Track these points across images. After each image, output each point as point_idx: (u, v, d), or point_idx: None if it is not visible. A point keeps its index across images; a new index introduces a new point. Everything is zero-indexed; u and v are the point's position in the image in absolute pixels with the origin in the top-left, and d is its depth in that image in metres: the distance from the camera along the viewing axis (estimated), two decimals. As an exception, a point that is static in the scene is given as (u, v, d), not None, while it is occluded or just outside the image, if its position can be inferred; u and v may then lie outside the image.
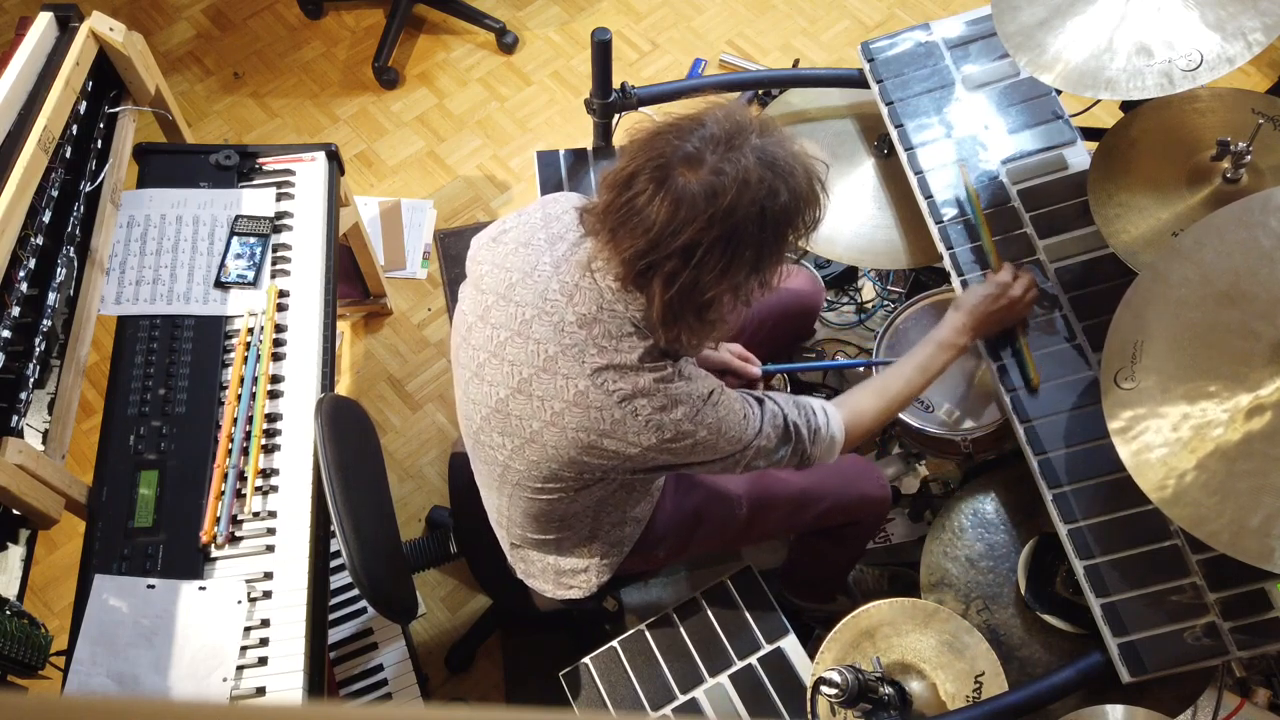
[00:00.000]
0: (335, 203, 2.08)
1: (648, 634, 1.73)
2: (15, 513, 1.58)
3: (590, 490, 1.41)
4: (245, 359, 1.83)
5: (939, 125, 1.82)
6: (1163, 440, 1.27)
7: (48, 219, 1.77)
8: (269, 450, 1.76)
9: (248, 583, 1.64)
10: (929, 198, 1.76)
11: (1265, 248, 1.26)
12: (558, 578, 1.59)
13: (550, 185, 2.12)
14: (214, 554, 1.66)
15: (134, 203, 2.00)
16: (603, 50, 1.93)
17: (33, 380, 1.66)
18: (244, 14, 3.17)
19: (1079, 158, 1.72)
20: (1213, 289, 1.29)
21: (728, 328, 1.35)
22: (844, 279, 2.39)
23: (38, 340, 1.69)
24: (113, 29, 1.93)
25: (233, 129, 2.96)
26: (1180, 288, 1.31)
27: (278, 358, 1.85)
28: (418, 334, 2.64)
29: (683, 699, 1.67)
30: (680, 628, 1.73)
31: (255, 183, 2.04)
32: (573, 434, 1.31)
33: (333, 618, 1.98)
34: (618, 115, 2.09)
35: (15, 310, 1.65)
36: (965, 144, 1.79)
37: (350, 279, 2.51)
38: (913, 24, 1.99)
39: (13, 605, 1.52)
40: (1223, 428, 1.23)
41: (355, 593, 2.02)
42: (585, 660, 1.73)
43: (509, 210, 2.78)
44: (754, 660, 1.69)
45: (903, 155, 1.82)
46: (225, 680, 1.56)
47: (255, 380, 1.81)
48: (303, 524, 1.70)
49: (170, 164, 2.06)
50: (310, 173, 2.07)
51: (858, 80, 1.95)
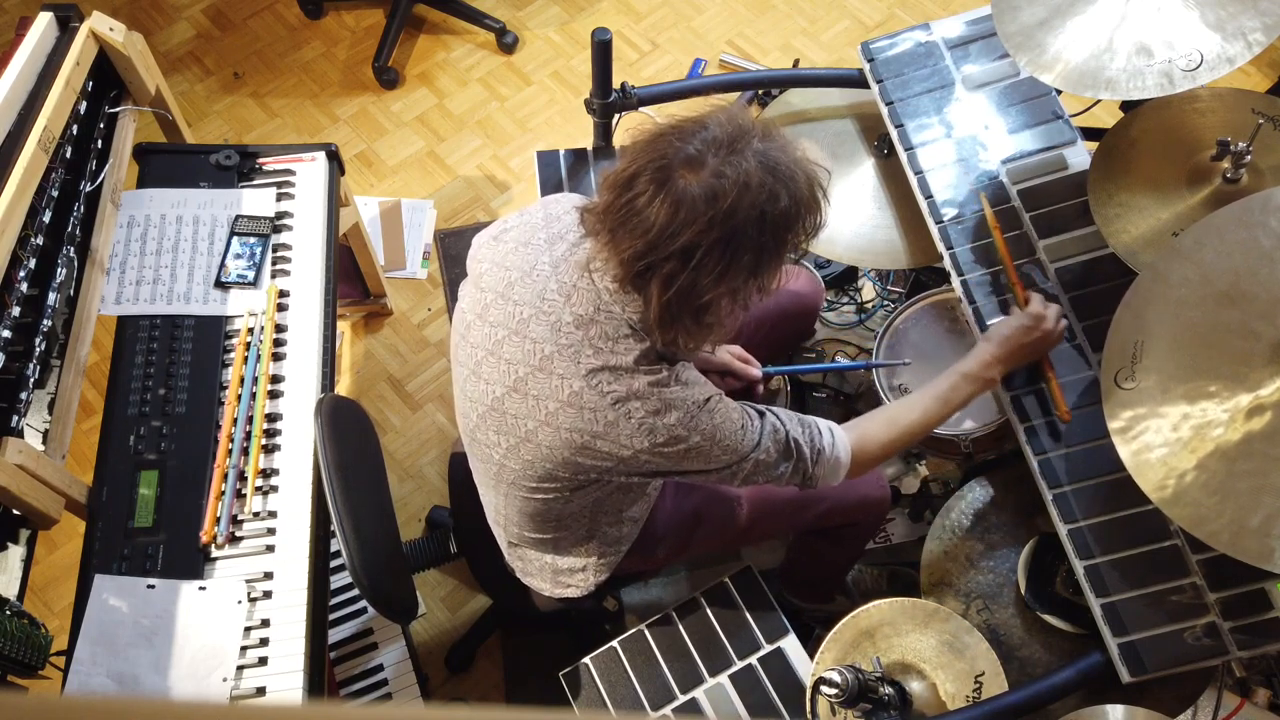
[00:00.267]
0: (335, 203, 2.08)
1: (648, 634, 1.73)
2: (15, 513, 1.58)
3: (586, 491, 1.41)
4: (245, 359, 1.83)
5: (939, 125, 1.82)
6: (1163, 440, 1.27)
7: (48, 219, 1.77)
8: (269, 450, 1.76)
9: (248, 583, 1.64)
10: (929, 198, 1.76)
11: (1265, 248, 1.26)
12: (555, 576, 1.58)
13: (550, 185, 2.12)
14: (214, 554, 1.66)
15: (134, 203, 2.00)
16: (603, 50, 1.93)
17: (33, 380, 1.66)
18: (244, 14, 3.17)
19: (1079, 158, 1.72)
20: (1213, 289, 1.29)
21: (725, 331, 1.34)
22: (844, 279, 2.39)
23: (38, 340, 1.69)
24: (113, 29, 1.93)
25: (233, 129, 2.96)
26: (1180, 288, 1.31)
27: (278, 358, 1.85)
28: (418, 334, 2.64)
29: (683, 699, 1.67)
30: (680, 628, 1.73)
31: (255, 183, 2.04)
32: (566, 434, 1.31)
33: (333, 618, 1.98)
34: (618, 115, 2.09)
35: (15, 310, 1.65)
36: (965, 144, 1.79)
37: (350, 279, 2.51)
38: (913, 24, 1.99)
39: (13, 605, 1.52)
40: (1223, 428, 1.23)
41: (355, 593, 2.02)
42: (585, 660, 1.73)
43: (509, 210, 2.79)
44: (754, 660, 1.69)
45: (903, 155, 1.82)
46: (225, 680, 1.56)
47: (255, 380, 1.81)
48: (303, 524, 1.70)
49: (170, 164, 2.06)
50: (310, 173, 2.07)
51: (858, 80, 1.95)
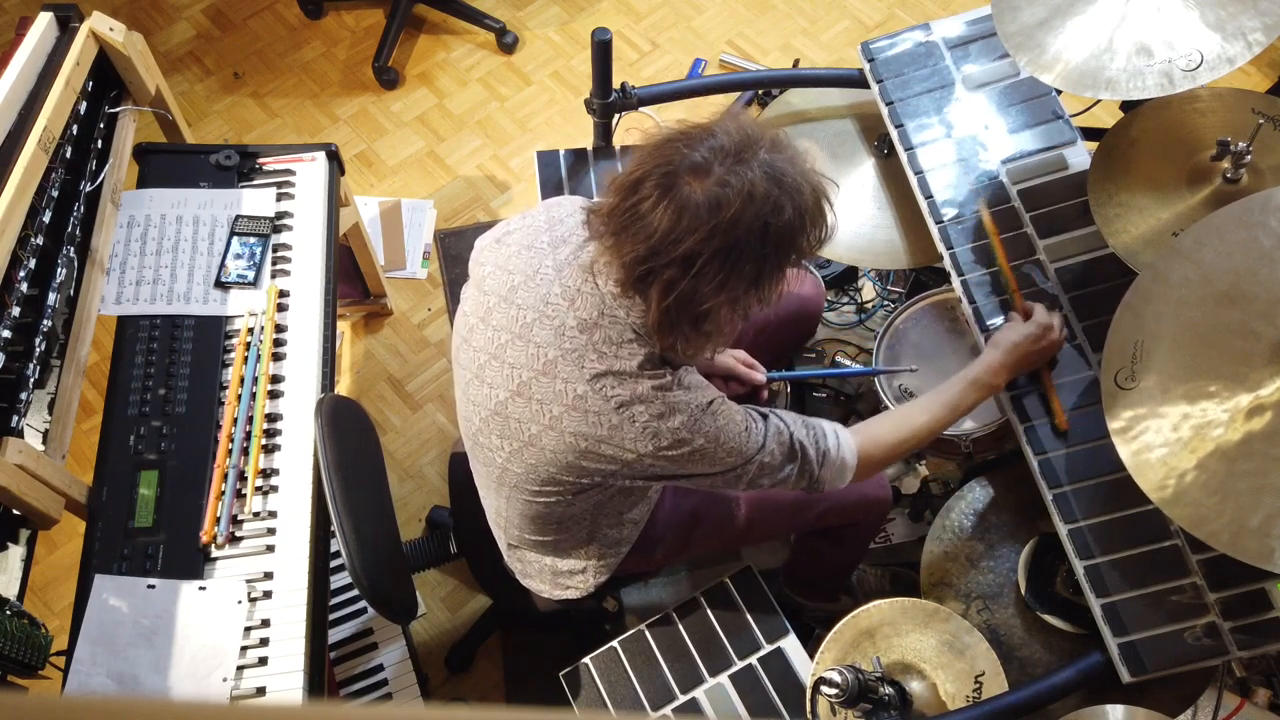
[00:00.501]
0: (335, 203, 2.08)
1: (648, 634, 1.73)
2: (15, 513, 1.58)
3: (588, 494, 1.41)
4: (245, 359, 1.83)
5: (939, 125, 1.82)
6: (1163, 440, 1.27)
7: (48, 219, 1.76)
8: (269, 450, 1.76)
9: (248, 583, 1.64)
10: (929, 198, 1.76)
11: (1265, 248, 1.26)
12: (555, 578, 1.58)
13: (550, 185, 2.12)
14: (214, 554, 1.66)
15: (134, 203, 2.00)
16: (603, 50, 1.93)
17: (33, 380, 1.66)
18: (244, 14, 3.17)
19: (1079, 158, 1.72)
20: (1213, 289, 1.29)
21: (724, 339, 1.34)
22: (844, 279, 2.39)
23: (38, 340, 1.69)
24: (113, 29, 1.93)
25: (233, 129, 2.96)
26: (1180, 288, 1.31)
27: (278, 358, 1.85)
28: (418, 334, 2.64)
29: (683, 699, 1.67)
30: (680, 628, 1.73)
31: (255, 183, 2.04)
32: (570, 439, 1.31)
33: (333, 618, 1.98)
34: (618, 115, 2.09)
35: (15, 310, 1.65)
36: (965, 144, 1.79)
37: (350, 279, 2.51)
38: (913, 24, 1.99)
39: (13, 605, 1.52)
40: (1223, 428, 1.23)
41: (355, 593, 2.02)
42: (585, 660, 1.73)
43: (509, 210, 2.79)
44: (754, 660, 1.69)
45: (903, 155, 1.82)
46: (225, 680, 1.56)
47: (255, 380, 1.81)
48: (303, 524, 1.70)
49: (170, 164, 2.06)
50: (310, 173, 2.07)
51: (858, 80, 1.95)
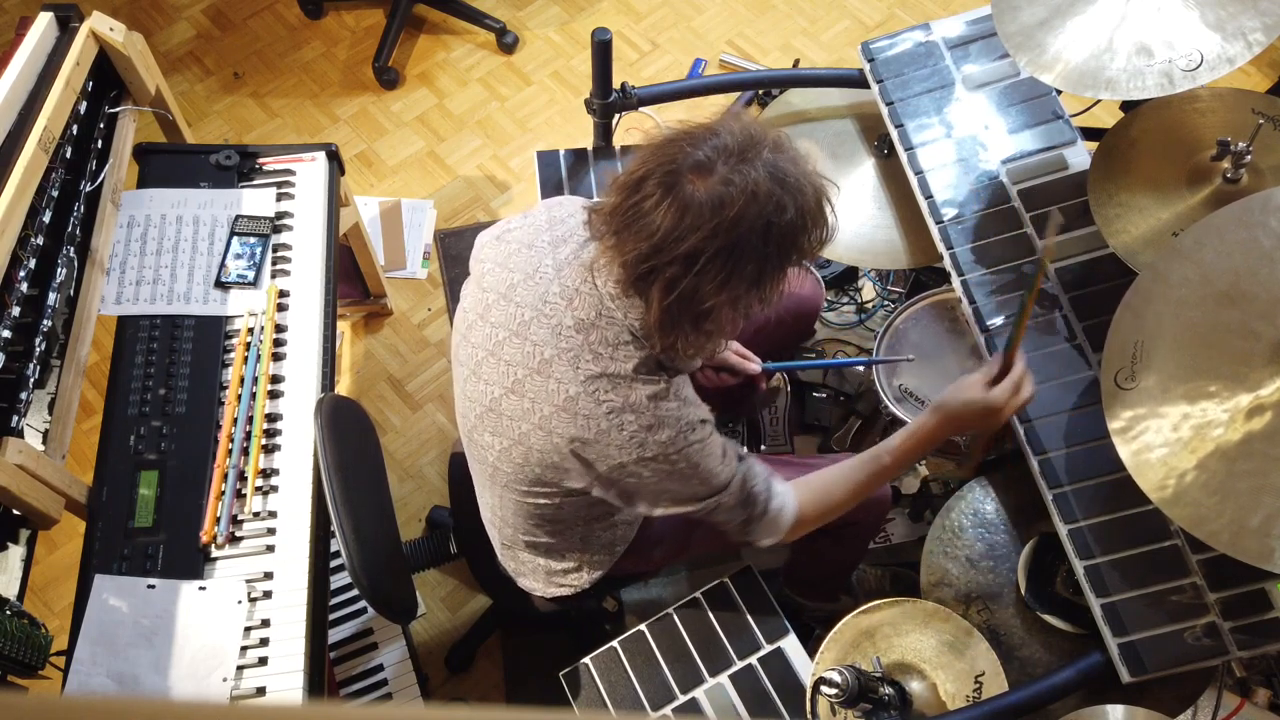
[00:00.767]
0: (335, 203, 2.08)
1: (648, 634, 1.73)
2: (15, 513, 1.58)
3: (577, 497, 1.41)
4: (245, 359, 1.83)
5: (939, 125, 1.82)
6: (1163, 440, 1.27)
7: (48, 219, 1.76)
8: (269, 450, 1.76)
9: (248, 583, 1.64)
10: (929, 198, 1.76)
11: (1265, 248, 1.26)
12: (549, 577, 1.59)
13: (550, 185, 2.12)
14: (214, 554, 1.66)
15: (134, 203, 2.00)
16: (603, 50, 1.93)
17: (33, 380, 1.66)
18: (244, 14, 3.17)
19: (1079, 158, 1.72)
20: (1213, 289, 1.29)
21: (724, 339, 1.34)
22: (844, 279, 2.39)
23: (38, 340, 1.69)
24: (113, 29, 1.93)
25: (233, 129, 2.96)
26: (1180, 288, 1.31)
27: (278, 358, 1.85)
28: (418, 334, 2.64)
29: (683, 699, 1.67)
30: (680, 628, 1.73)
31: (255, 183, 2.04)
32: (556, 439, 1.31)
33: (333, 618, 1.98)
34: (618, 115, 2.09)
35: (15, 310, 1.65)
36: (965, 144, 1.79)
37: (350, 279, 2.51)
38: (913, 24, 1.99)
39: (13, 605, 1.52)
40: (1223, 428, 1.23)
41: (355, 593, 2.02)
42: (585, 660, 1.73)
43: (509, 210, 2.79)
44: (754, 660, 1.69)
45: (903, 155, 1.82)
46: (225, 680, 1.56)
47: (255, 380, 1.81)
48: (303, 524, 1.70)
49: (170, 164, 2.06)
50: (310, 173, 2.07)
51: (858, 80, 1.95)
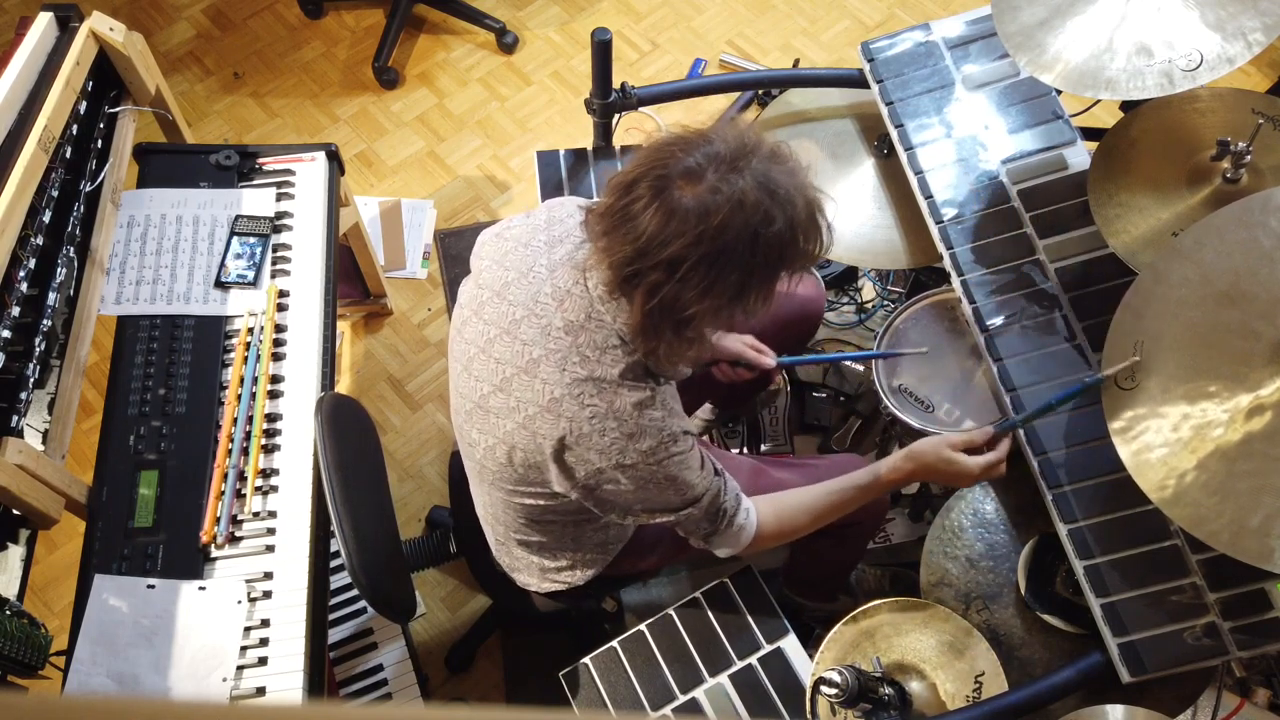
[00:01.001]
0: (335, 203, 2.08)
1: (648, 634, 1.73)
2: (15, 513, 1.58)
3: (563, 499, 1.40)
4: (245, 359, 1.83)
5: (939, 125, 1.82)
6: (1163, 440, 1.27)
7: (48, 219, 1.76)
8: (269, 450, 1.76)
9: (248, 583, 1.64)
10: (929, 198, 1.76)
11: (1265, 248, 1.26)
12: (543, 573, 1.59)
13: (550, 185, 2.12)
14: (214, 554, 1.66)
15: (134, 203, 2.00)
16: (603, 50, 1.93)
17: (33, 380, 1.66)
18: (244, 14, 3.17)
19: (1079, 158, 1.72)
20: (1213, 289, 1.29)
21: (706, 348, 1.33)
22: (844, 279, 2.39)
23: (38, 340, 1.69)
24: (113, 29, 1.93)
25: (233, 129, 2.96)
26: (1180, 288, 1.31)
27: (278, 358, 1.85)
28: (418, 334, 2.64)
29: (683, 699, 1.67)
30: (680, 628, 1.73)
31: (255, 183, 2.04)
32: (539, 440, 1.31)
33: (333, 618, 1.98)
34: (618, 115, 2.09)
35: (15, 310, 1.65)
36: (965, 144, 1.79)
37: (350, 279, 2.51)
38: (913, 24, 1.99)
39: (13, 605, 1.52)
40: (1223, 428, 1.23)
41: (355, 593, 2.02)
42: (585, 660, 1.73)
43: (509, 210, 2.79)
44: (754, 660, 1.69)
45: (903, 155, 1.82)
46: (225, 680, 1.56)
47: (255, 380, 1.81)
48: (303, 524, 1.70)
49: (170, 164, 2.06)
50: (310, 173, 2.07)
51: (858, 80, 1.95)
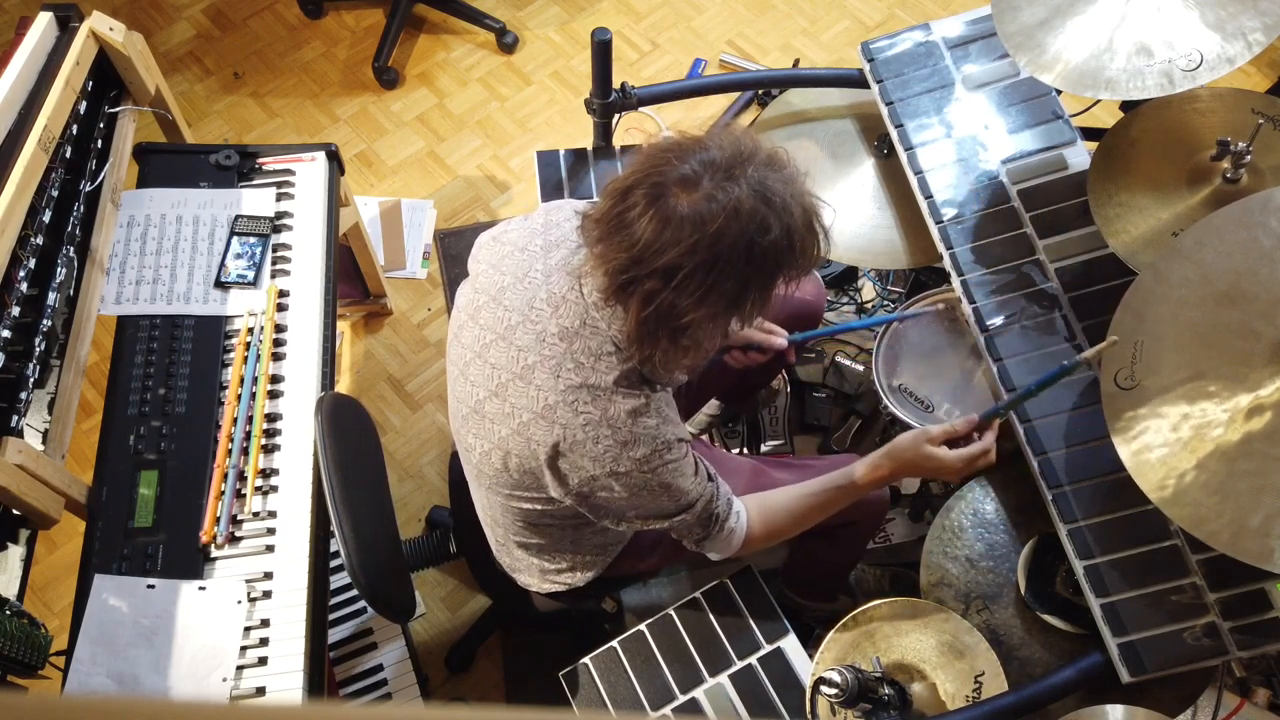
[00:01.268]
0: (335, 203, 2.08)
1: (648, 634, 1.73)
2: (15, 513, 1.58)
3: (559, 504, 1.40)
4: (245, 359, 1.83)
5: (939, 125, 1.82)
6: (1163, 440, 1.27)
7: (48, 219, 1.76)
8: (269, 450, 1.76)
9: (248, 583, 1.64)
10: (929, 198, 1.76)
11: (1265, 248, 1.26)
12: (543, 574, 1.59)
13: (550, 185, 2.12)
14: (214, 554, 1.66)
15: (134, 203, 2.00)
16: (603, 50, 1.93)
17: (33, 380, 1.66)
18: (244, 14, 3.17)
19: (1079, 158, 1.73)
20: (1213, 289, 1.29)
21: (703, 354, 1.32)
22: (844, 279, 2.39)
23: (38, 340, 1.69)
24: (113, 29, 1.93)
25: (233, 129, 2.96)
26: (1180, 288, 1.31)
27: (278, 358, 1.85)
28: (418, 334, 2.64)
29: (683, 699, 1.67)
30: (680, 628, 1.73)
31: (255, 183, 2.04)
32: (534, 446, 1.31)
33: (333, 618, 1.98)
34: (618, 115, 2.09)
35: (15, 310, 1.65)
36: (965, 144, 1.79)
37: (350, 279, 2.51)
38: (913, 24, 1.99)
39: (13, 605, 1.52)
40: (1223, 428, 1.23)
41: (355, 592, 2.02)
42: (585, 660, 1.73)
43: (509, 210, 2.79)
44: (754, 660, 1.69)
45: (903, 155, 1.82)
46: (225, 680, 1.56)
47: (255, 380, 1.81)
48: (303, 524, 1.70)
49: (170, 164, 2.06)
50: (310, 173, 2.07)
51: (858, 80, 1.95)
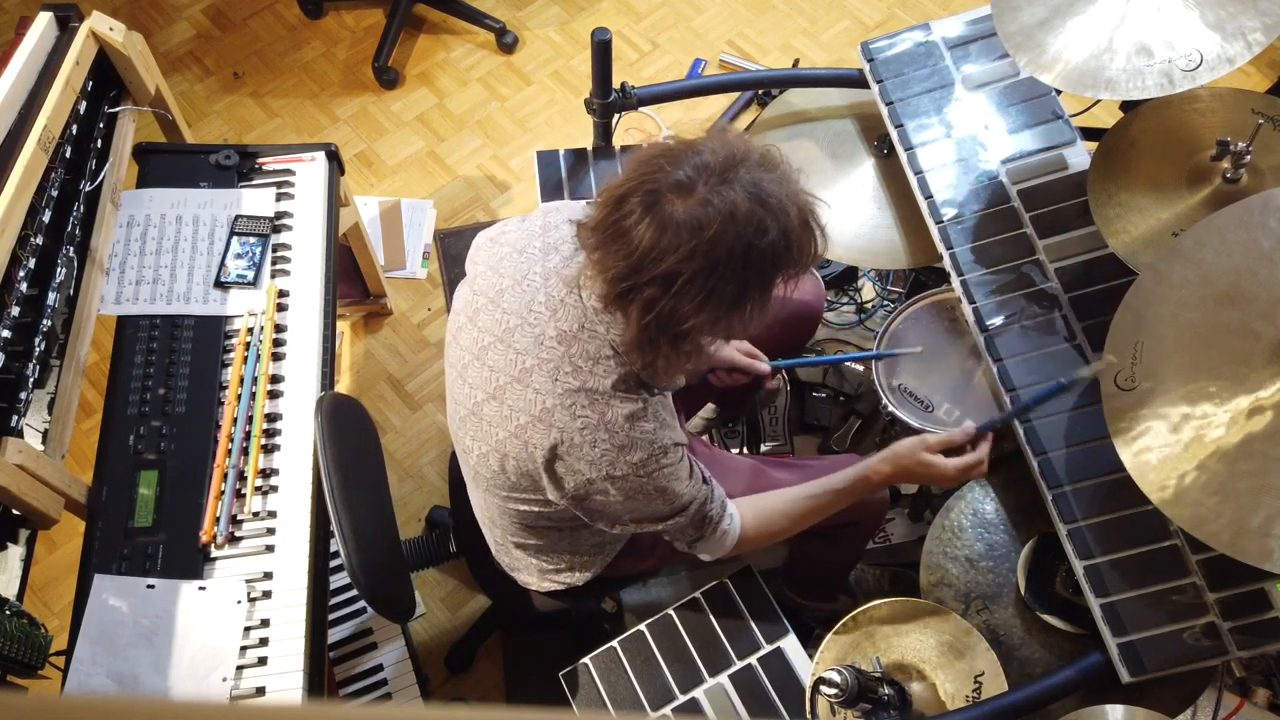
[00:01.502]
0: (335, 203, 2.08)
1: (648, 634, 1.73)
2: (15, 513, 1.58)
3: (555, 506, 1.40)
4: (245, 359, 1.83)
5: (939, 125, 1.82)
6: (1163, 441, 1.27)
7: (48, 219, 1.76)
8: (269, 450, 1.76)
9: (247, 583, 1.64)
10: (929, 198, 1.76)
11: (1265, 248, 1.26)
12: (542, 574, 1.59)
13: (550, 185, 2.12)
14: (214, 554, 1.66)
15: (134, 203, 2.00)
16: (603, 50, 1.93)
17: (33, 380, 1.66)
18: (244, 14, 3.17)
19: (1079, 158, 1.73)
20: (1213, 289, 1.29)
21: (704, 359, 1.32)
22: (844, 279, 2.39)
23: (38, 340, 1.69)
24: (113, 29, 1.93)
25: (233, 129, 2.96)
26: (1180, 288, 1.31)
27: (278, 358, 1.85)
28: (418, 334, 2.64)
29: (683, 699, 1.67)
30: (680, 628, 1.73)
31: (255, 183, 2.04)
32: (530, 449, 1.31)
33: (333, 618, 1.98)
34: (618, 115, 2.09)
35: (15, 310, 1.65)
36: (965, 144, 1.79)
37: (350, 279, 2.50)
38: (913, 24, 1.99)
39: (13, 605, 1.52)
40: (1223, 429, 1.23)
41: (355, 592, 2.02)
42: (585, 660, 1.73)
43: (509, 210, 2.79)
44: (754, 660, 1.69)
45: (903, 155, 1.82)
46: (225, 680, 1.56)
47: (255, 380, 1.81)
48: (303, 524, 1.70)
49: (170, 164, 2.06)
50: (310, 173, 2.07)
51: (858, 80, 1.95)
